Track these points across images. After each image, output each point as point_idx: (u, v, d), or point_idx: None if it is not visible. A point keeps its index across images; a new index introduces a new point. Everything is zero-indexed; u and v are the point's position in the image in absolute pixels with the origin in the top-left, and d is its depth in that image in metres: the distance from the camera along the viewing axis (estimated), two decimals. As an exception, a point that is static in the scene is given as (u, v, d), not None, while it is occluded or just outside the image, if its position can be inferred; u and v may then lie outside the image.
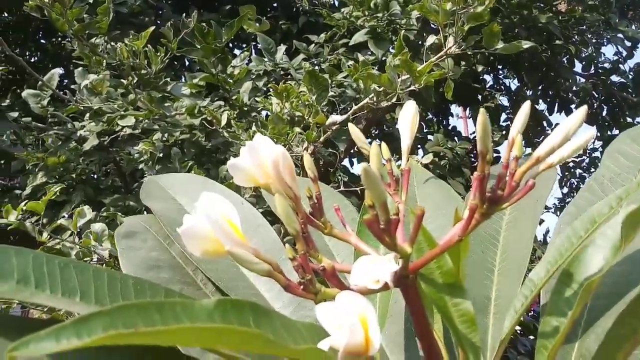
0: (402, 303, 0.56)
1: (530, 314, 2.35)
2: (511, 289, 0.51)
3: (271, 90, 1.07)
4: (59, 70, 1.50)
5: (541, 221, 2.61)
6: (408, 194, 0.42)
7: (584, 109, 0.33)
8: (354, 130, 0.43)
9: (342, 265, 0.37)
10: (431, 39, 1.04)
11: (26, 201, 0.91)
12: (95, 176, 1.75)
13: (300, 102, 1.01)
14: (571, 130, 0.33)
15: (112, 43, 1.25)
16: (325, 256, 0.36)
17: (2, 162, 1.96)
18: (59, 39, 2.62)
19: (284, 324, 0.31)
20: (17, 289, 0.31)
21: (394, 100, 0.98)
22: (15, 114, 1.58)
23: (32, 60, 2.72)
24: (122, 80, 1.32)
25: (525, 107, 0.36)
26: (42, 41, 2.74)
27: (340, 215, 0.41)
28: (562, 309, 0.38)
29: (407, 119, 0.42)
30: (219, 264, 0.56)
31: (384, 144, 0.43)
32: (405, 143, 0.42)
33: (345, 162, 2.08)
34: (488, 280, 0.54)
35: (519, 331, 2.30)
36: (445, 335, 0.50)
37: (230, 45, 2.35)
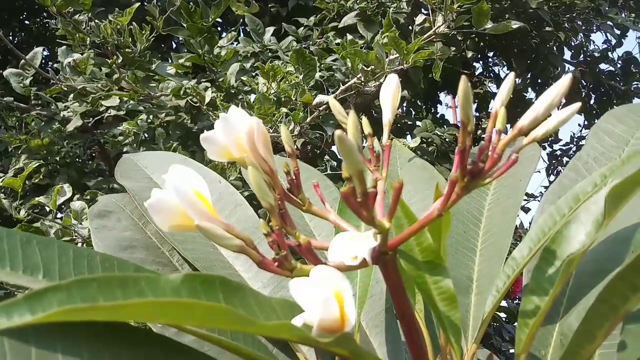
0: (383, 283, 0.55)
1: (515, 301, 2.36)
2: (493, 268, 0.51)
3: (258, 70, 1.05)
4: (42, 50, 1.47)
5: (527, 210, 2.61)
6: (391, 174, 0.41)
7: (568, 76, 0.32)
8: (334, 104, 0.42)
9: (319, 242, 0.36)
10: (420, 19, 1.03)
11: (3, 177, 0.89)
12: (80, 159, 1.72)
13: (287, 82, 0.99)
14: (555, 99, 0.32)
15: (96, 20, 1.22)
16: (305, 235, 0.35)
17: (-16, 145, 1.92)
18: (44, 18, 2.57)
19: (257, 301, 0.30)
20: None
21: (382, 80, 0.97)
22: (-3, 94, 1.55)
23: (16, 41, 2.66)
24: (106, 59, 1.29)
25: (509, 78, 0.35)
26: (26, 22, 2.69)
27: (319, 192, 0.40)
28: (544, 285, 0.38)
29: (389, 92, 0.41)
30: (196, 243, 0.54)
31: (364, 119, 0.41)
32: (387, 117, 0.41)
33: (334, 148, 2.07)
34: (470, 260, 0.53)
35: (503, 318, 2.32)
36: (426, 316, 0.49)
37: (218, 28, 2.32)
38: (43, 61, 1.77)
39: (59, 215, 1.17)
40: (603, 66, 2.49)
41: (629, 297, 0.31)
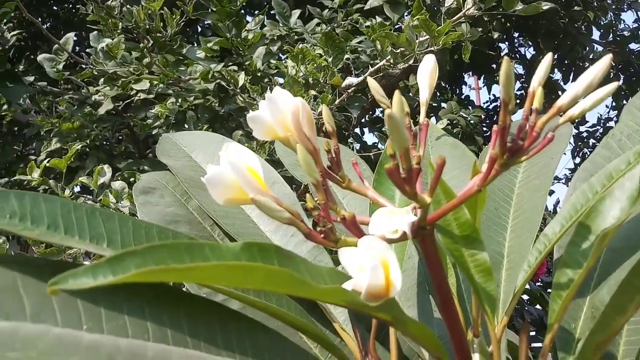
0: (415, 259, 0.57)
1: (537, 283, 2.36)
2: (524, 245, 0.52)
3: (286, 53, 1.06)
4: (73, 35, 1.50)
5: (551, 192, 2.59)
6: (425, 155, 0.42)
7: (609, 56, 0.33)
8: (373, 84, 0.42)
9: (360, 217, 0.38)
10: (449, 1, 1.03)
11: (48, 159, 0.92)
12: (109, 142, 1.76)
13: (315, 65, 1.00)
14: (595, 78, 0.33)
15: (128, 6, 1.25)
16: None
17: (16, 128, 1.98)
18: (71, 4, 2.61)
19: (307, 268, 0.32)
20: (47, 233, 0.32)
21: (411, 62, 0.97)
22: (31, 78, 1.59)
23: (45, 26, 2.71)
24: (137, 43, 1.32)
25: (547, 58, 0.36)
26: (55, 8, 2.73)
27: (358, 170, 0.41)
28: (578, 259, 0.39)
29: (427, 71, 0.42)
30: (236, 219, 0.56)
31: (402, 98, 0.43)
32: (424, 96, 0.42)
33: (357, 130, 2.07)
34: (501, 236, 0.54)
35: (525, 300, 2.31)
36: (457, 291, 0.51)
37: (244, 12, 2.33)
38: (72, 46, 1.80)
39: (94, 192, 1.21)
40: (633, 46, 2.43)
41: None
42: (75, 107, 1.54)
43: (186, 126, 1.34)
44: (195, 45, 1.52)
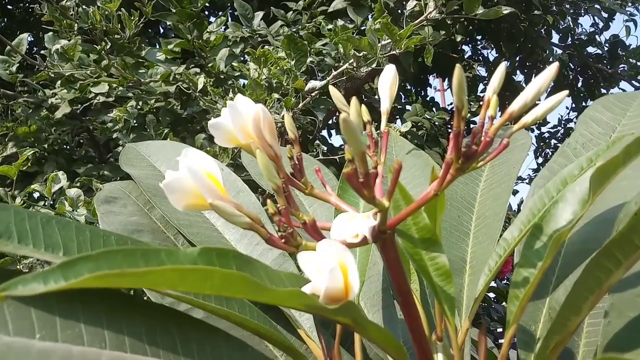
0: (380, 265, 0.58)
1: (503, 281, 2.40)
2: (486, 250, 0.53)
3: (249, 56, 1.05)
4: (27, 36, 1.45)
5: (515, 192, 2.65)
6: (387, 163, 0.42)
7: (555, 65, 0.34)
8: (335, 92, 0.43)
9: (322, 222, 0.38)
10: (412, 4, 1.03)
11: (-5, 166, 0.88)
12: (68, 146, 1.71)
13: (278, 68, 0.99)
14: (543, 86, 0.34)
15: (84, 6, 1.21)
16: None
17: (-30, 132, 1.90)
18: (27, 4, 2.53)
19: (266, 272, 0.32)
20: (0, 242, 0.32)
21: (374, 65, 0.97)
22: (-18, 81, 1.53)
23: (-1, 26, 2.62)
24: (94, 45, 1.28)
25: (501, 68, 0.36)
26: (9, 7, 2.64)
27: (320, 176, 0.42)
28: (533, 260, 0.40)
29: (387, 82, 0.43)
30: (201, 228, 0.56)
31: (363, 107, 0.43)
32: (385, 106, 0.43)
33: (324, 133, 2.07)
34: (463, 242, 0.55)
35: (492, 298, 2.35)
36: (422, 296, 0.51)
37: (206, 13, 2.30)
38: (28, 47, 1.74)
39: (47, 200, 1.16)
40: (590, 49, 2.51)
41: (612, 271, 0.33)
42: (31, 111, 1.48)
43: (147, 129, 1.31)
44: (157, 46, 1.49)
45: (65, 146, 1.68)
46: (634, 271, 0.38)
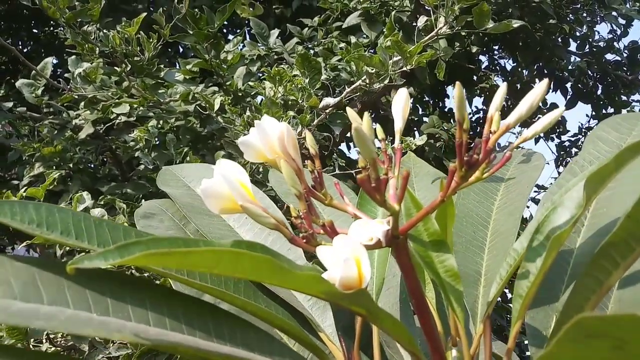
0: (398, 277, 0.60)
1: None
2: (499, 264, 0.55)
3: (264, 74, 1.07)
4: (52, 59, 1.50)
5: (537, 201, 2.63)
6: (408, 184, 0.44)
7: (544, 82, 0.37)
8: (351, 113, 0.45)
9: (340, 229, 0.41)
10: (422, 20, 1.04)
11: (26, 187, 0.91)
12: (92, 165, 1.75)
13: (293, 85, 1.01)
14: (534, 101, 0.37)
15: (105, 30, 1.25)
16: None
17: (-2, 153, 1.96)
18: (52, 28, 2.61)
19: (290, 264, 0.35)
20: (61, 238, 0.38)
21: (386, 81, 0.98)
22: (10, 104, 1.58)
23: (25, 50, 2.70)
24: (115, 67, 1.31)
25: (502, 89, 0.40)
26: (35, 30, 2.72)
27: (339, 189, 0.45)
28: (534, 260, 0.42)
29: (400, 104, 0.46)
30: (229, 239, 0.59)
31: (378, 126, 0.47)
32: (398, 125, 0.46)
33: (343, 146, 2.08)
34: (479, 257, 0.58)
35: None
36: (437, 305, 0.53)
37: (224, 30, 2.34)
38: (53, 69, 1.80)
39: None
40: (609, 56, 2.48)
41: (610, 271, 0.36)
42: (56, 132, 1.53)
43: (168, 148, 1.34)
44: (177, 65, 1.52)
45: (89, 165, 1.72)
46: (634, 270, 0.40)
